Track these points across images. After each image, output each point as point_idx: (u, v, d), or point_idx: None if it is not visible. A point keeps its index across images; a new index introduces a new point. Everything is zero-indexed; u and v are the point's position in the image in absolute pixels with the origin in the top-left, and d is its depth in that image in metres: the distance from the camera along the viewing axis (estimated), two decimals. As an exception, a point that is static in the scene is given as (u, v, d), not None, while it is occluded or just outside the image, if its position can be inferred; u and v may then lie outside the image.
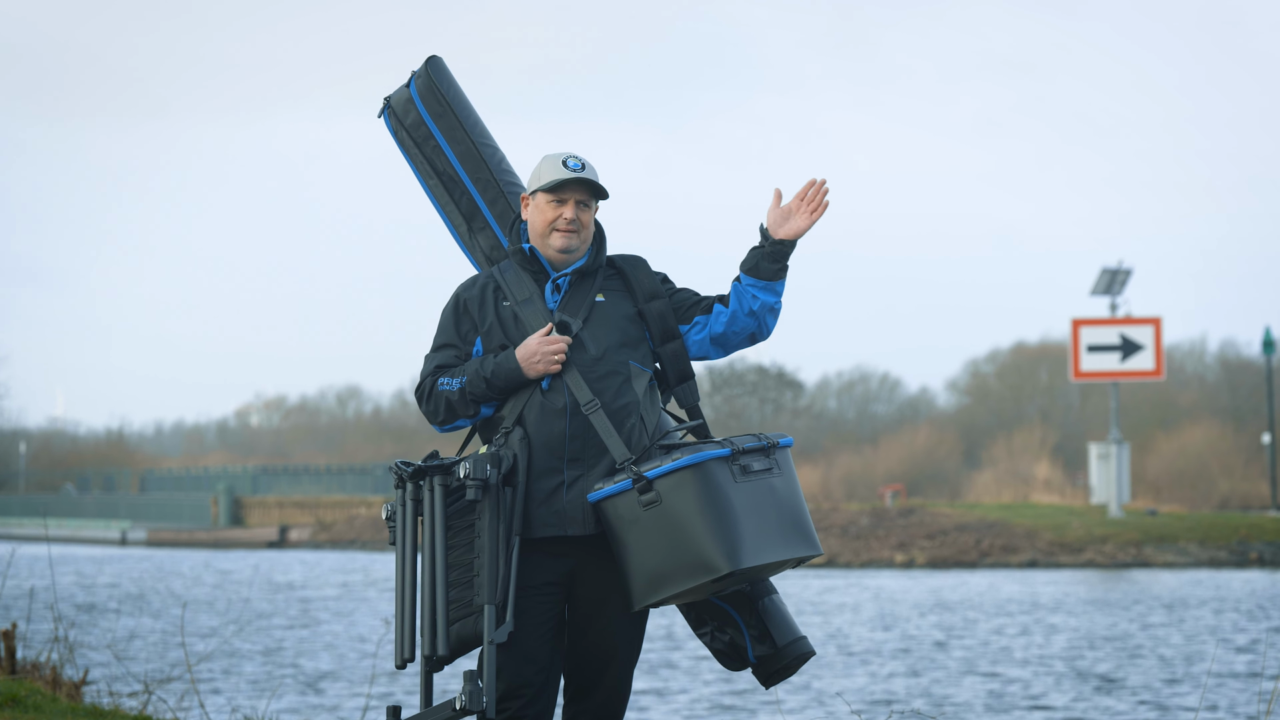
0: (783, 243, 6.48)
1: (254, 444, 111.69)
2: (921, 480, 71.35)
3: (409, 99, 6.92)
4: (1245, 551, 46.76)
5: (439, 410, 6.43)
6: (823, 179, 6.51)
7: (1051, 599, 34.48)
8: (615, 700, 6.46)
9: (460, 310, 6.51)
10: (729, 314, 6.50)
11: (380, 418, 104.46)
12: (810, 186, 6.52)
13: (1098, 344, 52.07)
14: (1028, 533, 49.06)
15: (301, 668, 23.19)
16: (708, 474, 6.16)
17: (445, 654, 6.19)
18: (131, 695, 13.02)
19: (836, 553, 49.42)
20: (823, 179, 6.51)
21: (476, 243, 6.86)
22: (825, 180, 6.50)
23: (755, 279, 6.48)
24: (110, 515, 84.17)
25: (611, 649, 6.39)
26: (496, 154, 6.91)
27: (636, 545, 6.18)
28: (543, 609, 6.30)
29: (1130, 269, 53.02)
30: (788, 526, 6.28)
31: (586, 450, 6.32)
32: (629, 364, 6.41)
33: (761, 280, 6.47)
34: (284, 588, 41.24)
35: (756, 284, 6.48)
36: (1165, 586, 37.72)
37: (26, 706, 10.91)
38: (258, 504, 79.06)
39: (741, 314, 6.50)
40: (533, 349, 6.33)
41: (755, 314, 6.49)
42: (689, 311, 6.55)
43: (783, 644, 6.49)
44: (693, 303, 6.56)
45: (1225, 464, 65.80)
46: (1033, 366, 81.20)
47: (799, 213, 6.50)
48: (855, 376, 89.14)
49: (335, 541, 67.78)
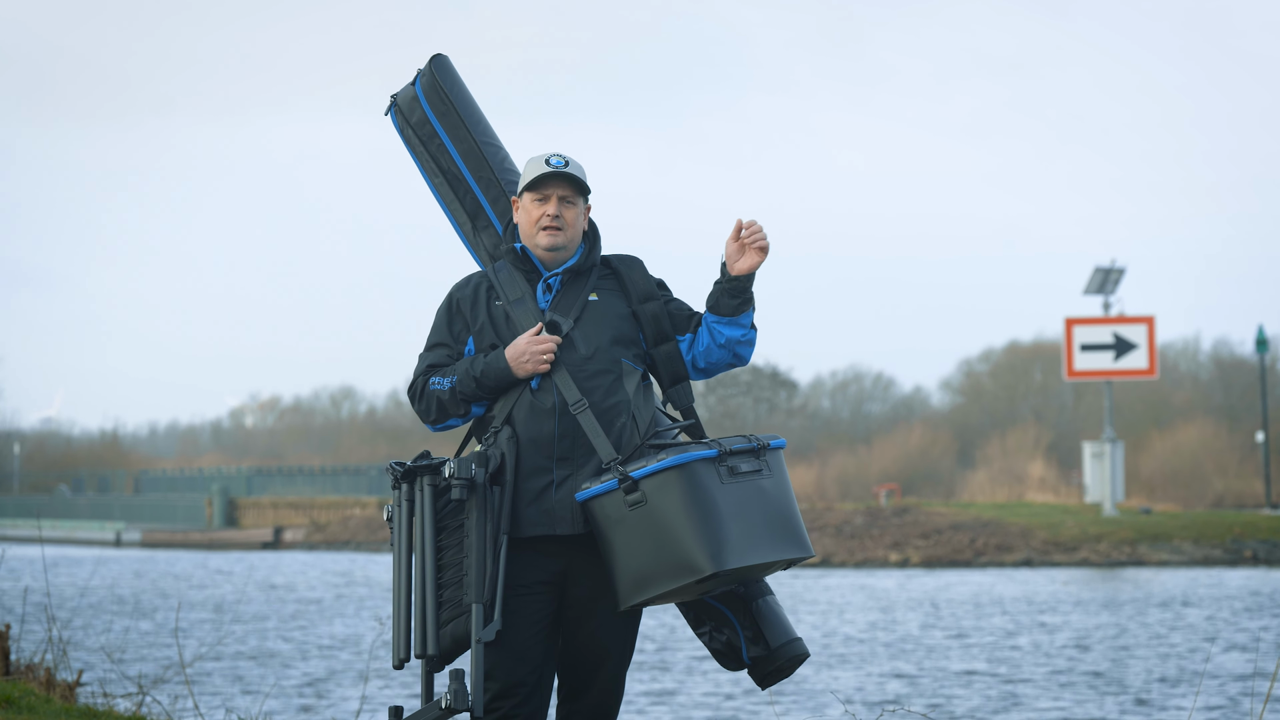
0: (739, 278, 6.45)
1: (248, 445, 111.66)
2: (916, 480, 71.37)
3: (414, 97, 6.93)
4: (1240, 550, 46.78)
5: (431, 410, 6.43)
6: (751, 219, 6.45)
7: (1049, 597, 34.49)
8: (609, 699, 6.45)
9: (453, 310, 6.52)
10: (704, 345, 6.51)
11: (375, 418, 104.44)
12: (739, 229, 6.46)
13: (1091, 343, 52.08)
14: (1022, 532, 49.07)
15: (295, 668, 23.18)
16: (693, 474, 6.15)
17: (436, 654, 6.19)
18: (125, 696, 13.01)
19: (831, 552, 49.44)
20: (751, 219, 6.45)
21: (480, 241, 6.87)
22: (755, 221, 6.44)
23: (718, 315, 6.48)
24: (105, 516, 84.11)
25: (604, 648, 6.39)
26: (500, 153, 6.91)
27: (622, 545, 6.17)
28: (535, 608, 6.30)
29: (1123, 268, 53.04)
30: (776, 528, 6.27)
31: (575, 450, 6.32)
32: (621, 362, 6.41)
33: (724, 316, 6.47)
34: (278, 588, 41.22)
35: (720, 320, 6.48)
36: (1161, 585, 37.74)
37: (20, 708, 10.90)
38: (252, 505, 79.01)
39: (715, 347, 6.51)
40: (521, 349, 6.33)
41: (725, 346, 6.51)
42: (684, 324, 6.55)
43: (777, 645, 6.48)
44: (687, 315, 6.56)
45: (1219, 462, 65.82)
46: (1026, 366, 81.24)
47: (747, 250, 6.46)
48: (849, 376, 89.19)
49: (330, 542, 67.74)
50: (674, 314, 6.55)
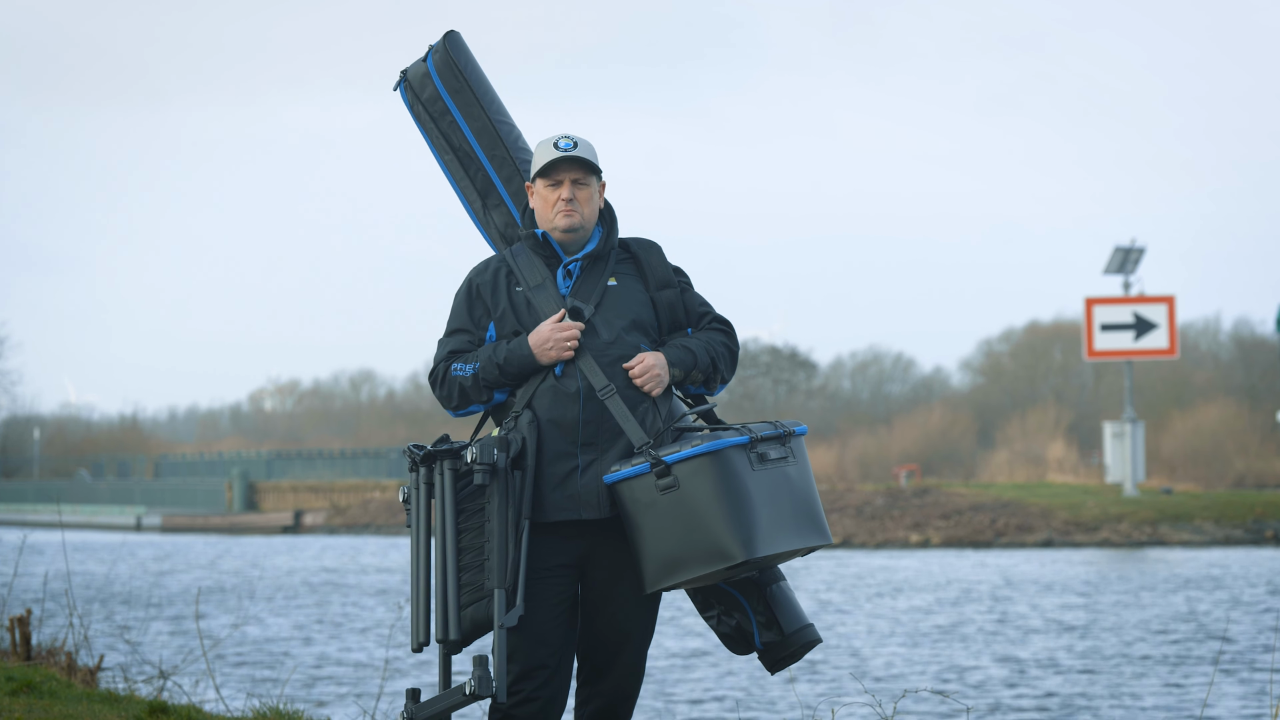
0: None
1: (268, 429, 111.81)
2: (936, 460, 71.32)
3: (426, 74, 6.86)
4: (1261, 529, 46.70)
5: (453, 395, 6.41)
6: (632, 366, 6.33)
7: (1071, 578, 34.44)
8: (629, 682, 6.44)
9: (473, 295, 6.49)
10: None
11: (394, 401, 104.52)
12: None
13: (1111, 323, 52.00)
14: (1043, 512, 49.02)
15: (317, 653, 23.20)
16: (726, 461, 6.14)
17: (457, 638, 6.17)
18: (146, 681, 13.03)
19: (851, 533, 49.43)
20: (632, 366, 6.33)
21: (491, 219, 6.83)
22: (634, 365, 6.33)
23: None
24: (125, 501, 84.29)
25: (625, 631, 6.37)
26: (513, 131, 6.86)
27: (651, 529, 6.16)
28: (556, 592, 6.29)
29: (1143, 247, 52.93)
30: (801, 515, 6.27)
31: (601, 434, 6.30)
32: (641, 347, 6.39)
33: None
34: (299, 573, 41.28)
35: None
36: (1187, 564, 37.67)
37: (42, 693, 10.92)
38: (272, 489, 79.13)
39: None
40: (545, 335, 6.30)
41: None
42: (695, 319, 6.55)
43: (790, 631, 6.47)
44: (701, 313, 6.55)
45: (1240, 442, 65.69)
46: (1046, 346, 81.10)
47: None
48: (869, 357, 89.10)
49: (350, 525, 67.85)
50: (688, 305, 6.54)
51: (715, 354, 6.48)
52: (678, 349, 6.42)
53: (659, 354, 6.37)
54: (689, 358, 6.41)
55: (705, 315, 6.56)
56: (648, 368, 6.33)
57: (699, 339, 6.48)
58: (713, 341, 6.49)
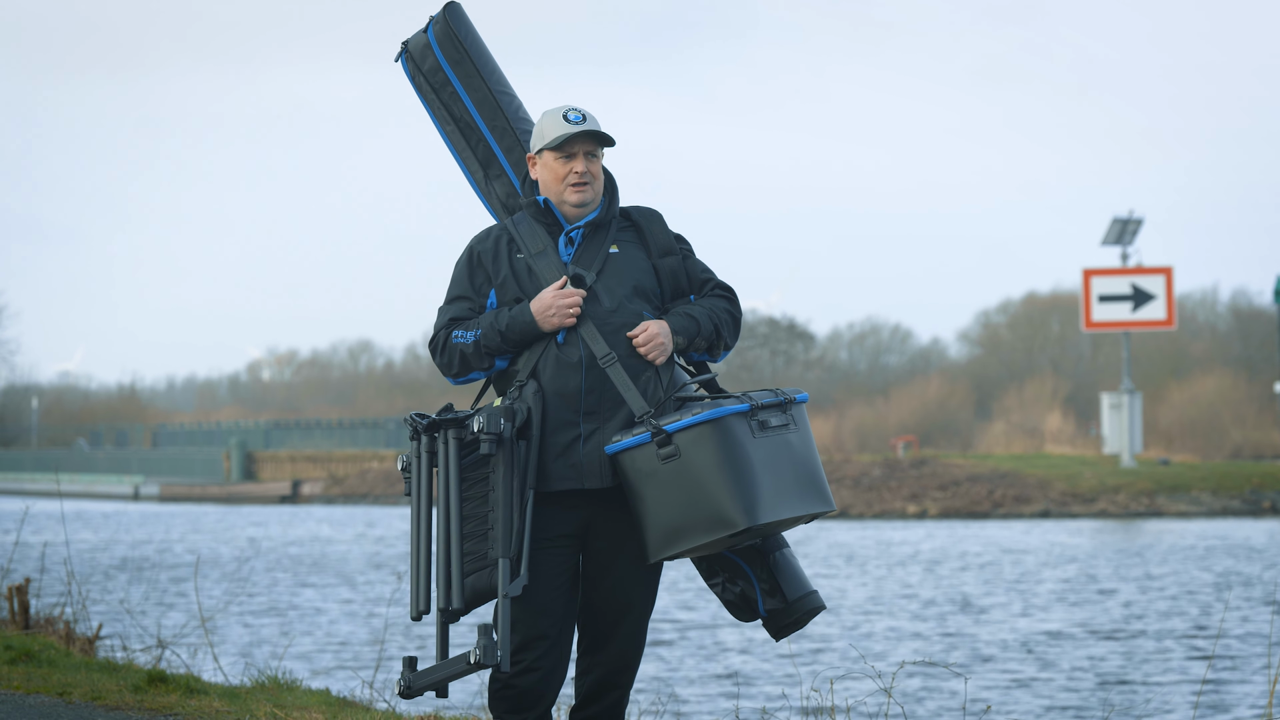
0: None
1: (266, 398, 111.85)
2: (933, 431, 71.36)
3: (426, 45, 6.85)
4: (1258, 500, 46.76)
5: (453, 363, 6.38)
6: (636, 334, 6.33)
7: (1068, 549, 34.47)
8: (630, 651, 6.44)
9: (474, 263, 6.46)
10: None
11: (392, 372, 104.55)
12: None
13: (1109, 294, 51.98)
14: (1040, 483, 49.07)
15: (314, 621, 23.22)
16: (727, 429, 6.12)
17: (460, 607, 6.15)
18: (144, 650, 13.03)
19: (849, 504, 49.46)
20: (636, 334, 6.33)
21: (493, 190, 6.82)
22: (639, 334, 6.33)
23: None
24: (123, 470, 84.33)
25: (626, 601, 6.37)
26: (514, 102, 6.85)
27: (654, 498, 6.15)
28: (557, 561, 6.28)
29: (1141, 219, 52.90)
30: (804, 482, 6.26)
31: (603, 403, 6.28)
32: (643, 315, 6.37)
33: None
34: (296, 543, 41.30)
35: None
36: (1184, 535, 37.70)
37: (40, 661, 10.92)
38: (270, 458, 79.15)
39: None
40: (547, 302, 6.28)
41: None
42: (698, 286, 6.53)
43: (793, 598, 6.46)
44: (703, 280, 6.53)
45: (1237, 413, 65.74)
46: (1044, 317, 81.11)
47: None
48: (866, 328, 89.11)
49: (347, 495, 67.89)
50: (690, 272, 6.52)
51: (719, 320, 6.46)
52: (681, 316, 6.40)
53: (663, 322, 6.35)
54: (692, 325, 6.40)
55: (708, 282, 6.53)
56: (651, 336, 6.31)
57: (702, 306, 6.46)
58: (716, 308, 6.47)
